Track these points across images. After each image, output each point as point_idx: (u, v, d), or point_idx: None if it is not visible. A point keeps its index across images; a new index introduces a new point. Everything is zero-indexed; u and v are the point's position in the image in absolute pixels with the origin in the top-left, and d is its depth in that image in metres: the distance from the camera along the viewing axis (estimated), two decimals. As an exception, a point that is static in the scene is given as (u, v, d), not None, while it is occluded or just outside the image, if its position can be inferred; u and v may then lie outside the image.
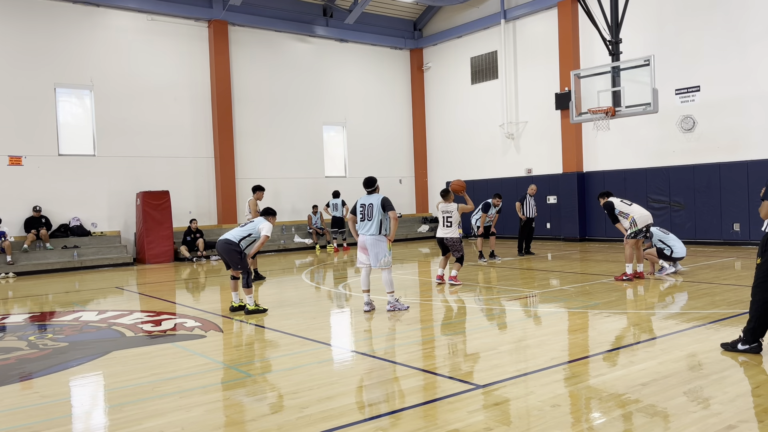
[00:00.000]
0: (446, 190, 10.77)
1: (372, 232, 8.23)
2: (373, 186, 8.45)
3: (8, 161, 16.20)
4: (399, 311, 8.23)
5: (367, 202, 8.32)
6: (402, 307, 8.34)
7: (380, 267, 8.27)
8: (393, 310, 8.26)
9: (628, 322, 7.31)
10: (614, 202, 10.47)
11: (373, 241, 8.24)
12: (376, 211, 8.20)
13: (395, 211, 8.29)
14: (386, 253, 8.25)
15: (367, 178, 8.52)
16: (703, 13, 15.95)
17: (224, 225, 19.37)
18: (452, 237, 10.48)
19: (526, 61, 20.46)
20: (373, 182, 8.48)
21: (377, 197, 8.29)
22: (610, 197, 10.66)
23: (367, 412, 4.46)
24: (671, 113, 16.41)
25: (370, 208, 8.25)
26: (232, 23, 19.77)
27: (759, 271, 5.52)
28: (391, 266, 8.36)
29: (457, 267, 10.62)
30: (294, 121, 21.20)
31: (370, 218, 8.24)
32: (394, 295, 8.45)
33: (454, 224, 10.48)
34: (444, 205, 10.59)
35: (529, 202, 15.01)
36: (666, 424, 4.02)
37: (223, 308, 9.31)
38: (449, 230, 10.48)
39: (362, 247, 8.37)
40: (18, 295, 11.73)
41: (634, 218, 10.22)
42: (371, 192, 8.43)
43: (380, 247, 8.24)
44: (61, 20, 17.03)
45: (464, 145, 22.73)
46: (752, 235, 15.13)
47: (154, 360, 6.26)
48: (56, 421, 4.56)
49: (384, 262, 8.25)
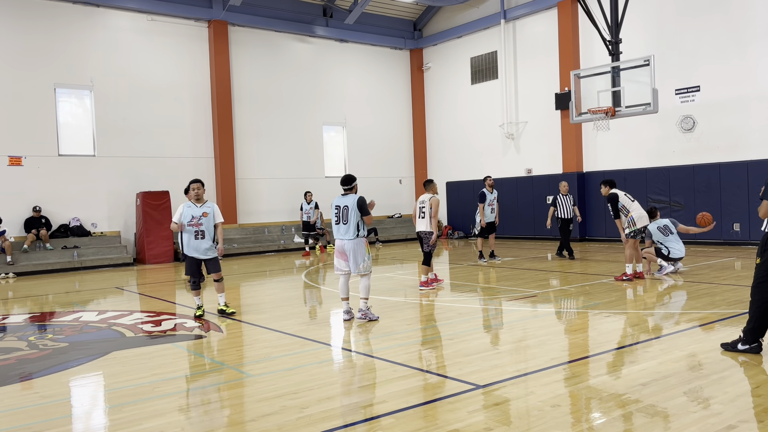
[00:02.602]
0: (429, 180, 10.45)
1: (350, 236, 7.69)
2: (351, 185, 7.86)
3: (8, 161, 16.20)
4: (370, 321, 7.72)
5: (342, 203, 7.77)
6: (373, 316, 7.80)
7: (360, 273, 7.76)
8: (364, 318, 7.75)
9: (628, 322, 7.31)
10: (619, 195, 10.31)
11: (352, 246, 7.71)
12: (352, 213, 7.66)
13: (371, 216, 7.77)
14: (366, 257, 7.76)
15: (345, 176, 7.94)
16: (703, 13, 15.95)
17: (224, 225, 19.35)
18: (425, 230, 10.08)
19: (526, 61, 20.46)
20: (351, 181, 7.89)
21: (353, 198, 7.74)
22: (614, 188, 10.49)
23: (367, 412, 4.46)
24: (671, 113, 16.41)
25: (345, 210, 7.71)
26: (232, 23, 19.77)
27: (758, 271, 5.52)
28: (371, 271, 7.91)
29: (425, 270, 10.22)
30: (294, 121, 21.19)
31: (345, 221, 7.71)
32: (368, 302, 7.90)
33: (427, 216, 10.04)
34: (422, 196, 10.25)
35: (563, 202, 14.07)
36: (666, 424, 4.02)
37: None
38: (423, 222, 10.09)
39: (340, 252, 7.82)
40: (18, 296, 11.73)
41: (632, 217, 10.18)
42: (347, 192, 7.87)
43: (360, 251, 7.73)
44: (61, 20, 17.03)
45: (464, 145, 22.72)
46: (752, 235, 15.12)
47: (154, 360, 6.27)
48: (56, 421, 4.56)
49: (364, 267, 7.74)
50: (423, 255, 10.23)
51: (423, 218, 10.11)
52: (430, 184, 10.35)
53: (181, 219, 8.23)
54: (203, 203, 8.40)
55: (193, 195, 8.39)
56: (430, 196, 10.10)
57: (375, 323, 7.62)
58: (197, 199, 8.38)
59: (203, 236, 8.29)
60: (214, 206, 8.52)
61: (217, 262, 8.48)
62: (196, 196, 8.37)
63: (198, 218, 8.28)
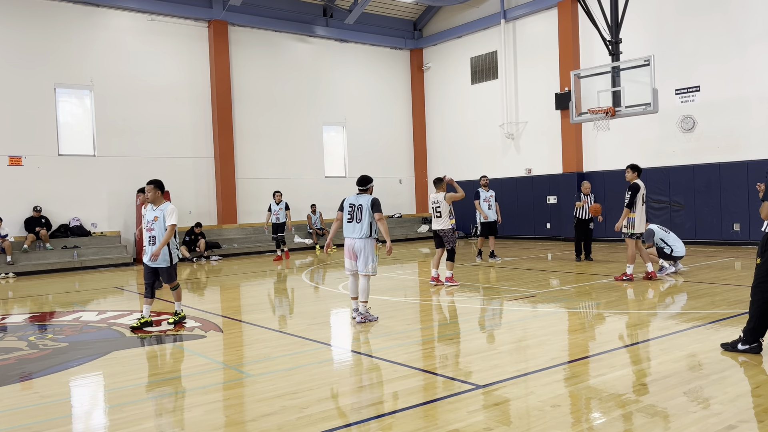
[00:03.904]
0: (438, 178, 10.52)
1: (362, 235, 7.72)
2: (366, 186, 7.95)
3: (8, 161, 16.20)
4: (369, 322, 7.71)
5: (357, 202, 7.81)
6: (372, 317, 7.80)
7: (366, 273, 7.76)
8: (363, 321, 7.71)
9: (628, 322, 7.31)
10: (640, 187, 10.15)
11: (362, 245, 7.74)
12: (365, 213, 7.71)
13: (382, 215, 7.81)
14: (374, 258, 7.79)
15: (361, 177, 8.01)
16: (702, 13, 15.95)
17: (224, 225, 19.38)
18: (443, 228, 10.30)
19: (526, 61, 20.46)
20: (367, 182, 7.97)
21: (367, 198, 7.80)
22: (638, 178, 10.24)
23: (367, 412, 4.45)
24: (671, 113, 16.41)
25: (359, 209, 7.75)
26: (232, 23, 19.77)
27: (758, 271, 5.52)
28: (375, 274, 7.90)
29: (450, 266, 10.45)
30: (294, 121, 21.19)
31: (359, 220, 7.74)
32: (367, 305, 7.88)
33: (443, 215, 10.23)
34: (433, 195, 10.43)
35: (586, 201, 13.56)
36: (666, 424, 4.02)
37: (223, 308, 9.32)
38: (440, 221, 10.32)
39: (350, 251, 7.83)
40: (18, 295, 11.73)
41: (635, 219, 10.11)
42: (362, 192, 7.93)
43: (369, 251, 7.76)
44: (61, 20, 17.03)
45: (464, 145, 22.73)
46: (752, 235, 15.12)
47: (154, 360, 6.27)
48: (56, 421, 4.56)
49: (371, 268, 7.75)
50: (447, 252, 10.39)
51: (439, 217, 10.30)
52: (440, 182, 10.46)
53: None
54: (159, 206, 7.85)
55: (143, 198, 7.92)
56: (443, 195, 10.27)
57: (375, 323, 7.62)
58: (152, 202, 7.85)
59: (154, 242, 7.76)
60: (167, 208, 7.82)
61: (167, 271, 7.85)
62: (148, 198, 7.84)
63: (150, 222, 7.80)
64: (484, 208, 14.06)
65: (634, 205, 10.04)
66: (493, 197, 14.23)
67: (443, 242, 10.46)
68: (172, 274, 7.90)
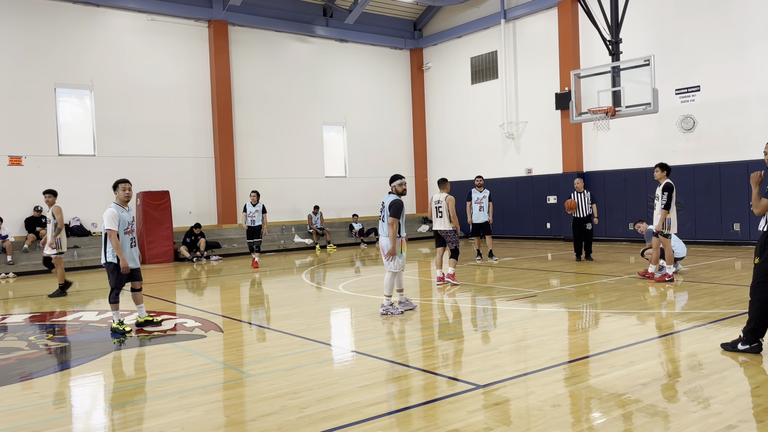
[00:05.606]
0: (443, 179, 10.61)
1: (385, 233, 8.12)
2: (391, 184, 8.19)
3: (8, 161, 16.21)
4: (392, 315, 8.00)
5: (385, 202, 8.12)
6: (396, 311, 8.10)
7: (388, 269, 8.16)
8: (385, 314, 8.01)
9: (629, 322, 7.31)
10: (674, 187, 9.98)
11: (385, 243, 8.13)
12: (386, 213, 8.05)
13: (393, 218, 7.94)
14: (398, 256, 8.07)
15: (392, 175, 8.28)
16: (702, 13, 15.95)
17: (224, 225, 19.38)
18: (445, 229, 10.38)
19: (526, 61, 20.46)
20: (391, 180, 8.20)
21: (389, 199, 8.06)
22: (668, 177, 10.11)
23: (367, 412, 4.45)
24: (671, 113, 16.40)
25: (383, 209, 8.12)
26: (232, 23, 19.77)
27: (757, 271, 5.52)
28: (399, 270, 8.17)
29: (453, 263, 10.54)
30: (294, 121, 21.20)
31: (383, 219, 8.14)
32: (391, 299, 8.20)
33: (445, 215, 10.32)
34: (436, 195, 10.52)
35: (579, 199, 13.39)
36: (666, 424, 4.02)
37: (223, 308, 9.31)
38: (441, 221, 10.41)
39: (381, 249, 8.26)
40: (18, 295, 11.73)
41: (670, 220, 9.91)
42: (391, 192, 8.18)
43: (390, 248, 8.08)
44: (61, 20, 17.04)
45: (464, 145, 22.73)
46: (752, 235, 15.11)
47: (154, 360, 6.27)
48: (56, 421, 4.56)
49: (395, 264, 8.09)
50: (451, 251, 10.52)
51: (440, 217, 10.39)
52: (444, 183, 10.54)
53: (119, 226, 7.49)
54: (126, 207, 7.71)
55: (124, 196, 7.64)
56: (445, 195, 10.35)
57: (378, 321, 7.62)
58: (126, 201, 7.68)
59: (136, 243, 7.80)
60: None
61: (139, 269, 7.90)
62: (126, 197, 7.65)
63: (131, 223, 7.75)
64: (475, 210, 14.05)
65: (671, 205, 9.95)
66: (486, 198, 14.16)
67: (444, 242, 10.52)
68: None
